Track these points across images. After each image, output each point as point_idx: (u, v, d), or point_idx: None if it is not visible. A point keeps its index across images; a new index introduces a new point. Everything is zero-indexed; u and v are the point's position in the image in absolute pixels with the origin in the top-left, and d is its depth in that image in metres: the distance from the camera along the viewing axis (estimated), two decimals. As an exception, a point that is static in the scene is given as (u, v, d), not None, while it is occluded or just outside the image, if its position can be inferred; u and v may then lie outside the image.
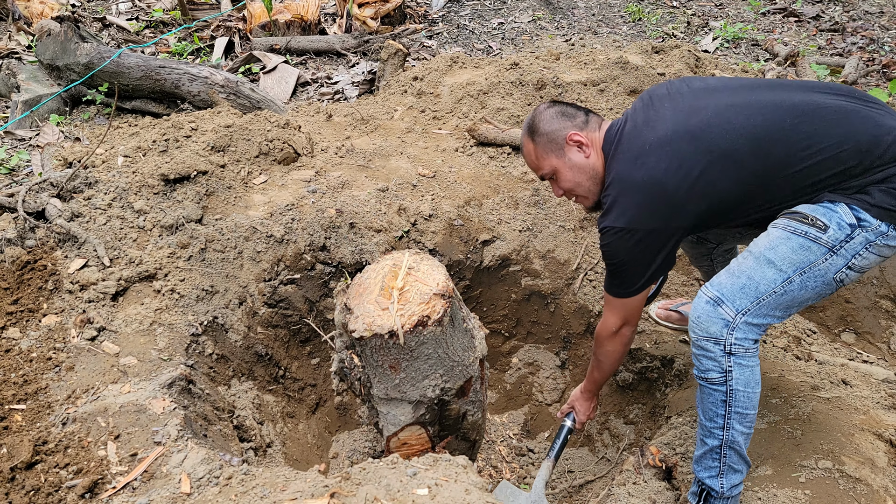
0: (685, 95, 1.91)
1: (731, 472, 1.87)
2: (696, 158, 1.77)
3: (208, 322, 2.61)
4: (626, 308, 2.00)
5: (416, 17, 6.53)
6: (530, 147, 2.05)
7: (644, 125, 1.89)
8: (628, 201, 1.83)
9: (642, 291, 1.96)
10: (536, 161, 2.06)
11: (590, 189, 2.02)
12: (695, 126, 1.80)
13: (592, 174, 2.00)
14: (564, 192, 2.07)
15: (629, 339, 2.09)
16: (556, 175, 2.04)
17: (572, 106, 2.07)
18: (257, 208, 2.97)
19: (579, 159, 1.99)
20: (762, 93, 1.85)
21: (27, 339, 2.34)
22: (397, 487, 1.61)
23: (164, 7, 6.27)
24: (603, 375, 2.25)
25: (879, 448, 2.10)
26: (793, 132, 1.74)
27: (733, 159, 1.76)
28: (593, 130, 2.02)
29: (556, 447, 2.38)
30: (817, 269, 1.73)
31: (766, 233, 1.81)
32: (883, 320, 2.95)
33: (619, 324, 2.04)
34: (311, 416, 2.87)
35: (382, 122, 3.89)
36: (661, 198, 1.79)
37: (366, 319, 1.79)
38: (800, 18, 6.52)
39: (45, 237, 2.64)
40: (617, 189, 1.86)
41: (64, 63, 4.43)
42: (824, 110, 1.76)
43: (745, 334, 1.75)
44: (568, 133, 1.99)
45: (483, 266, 3.06)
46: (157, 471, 1.90)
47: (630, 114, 1.99)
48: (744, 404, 1.80)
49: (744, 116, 1.78)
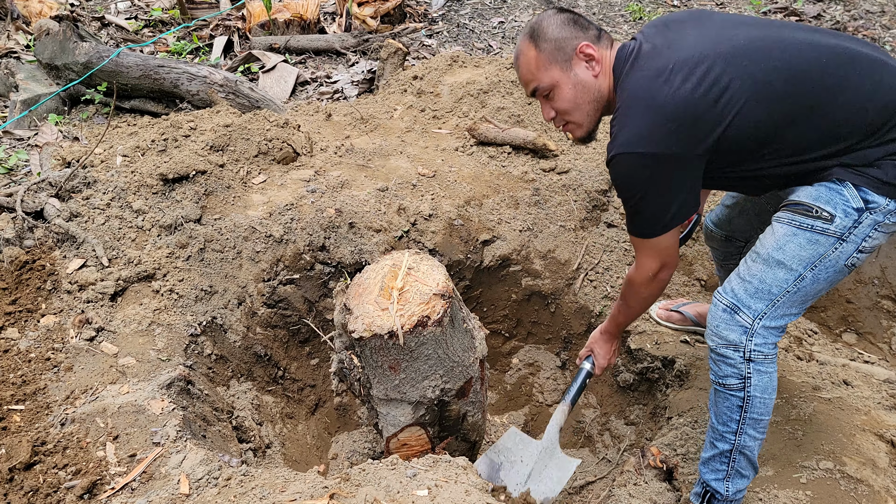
0: (711, 23, 1.74)
1: (738, 477, 1.86)
2: (729, 82, 1.60)
3: (207, 322, 2.60)
4: (659, 248, 1.79)
5: (416, 16, 6.52)
6: (532, 54, 1.79)
7: (665, 47, 1.69)
8: (647, 122, 1.62)
9: (672, 228, 1.75)
10: (535, 71, 1.80)
11: (588, 114, 1.81)
12: (726, 51, 1.63)
13: (596, 96, 1.79)
14: (557, 112, 1.84)
15: (666, 281, 1.89)
16: (553, 91, 1.80)
17: (583, 17, 1.83)
18: (256, 208, 2.96)
19: (586, 76, 1.77)
20: (794, 31, 1.71)
21: (26, 340, 2.33)
22: (397, 488, 1.61)
23: (163, 6, 6.26)
24: (628, 319, 2.11)
25: (881, 449, 2.10)
26: (827, 75, 1.62)
27: (767, 89, 1.61)
28: (605, 48, 1.80)
29: (573, 391, 2.22)
30: (828, 260, 1.67)
31: (772, 230, 1.75)
32: (884, 321, 2.94)
33: (655, 268, 1.83)
34: (310, 417, 2.86)
35: (382, 121, 3.88)
36: (686, 119, 1.60)
37: (365, 320, 1.78)
38: (801, 17, 6.51)
39: (44, 237, 2.63)
40: (631, 108, 1.65)
41: (62, 62, 4.42)
42: (857, 59, 1.64)
43: (765, 339, 1.72)
44: (580, 43, 1.76)
45: (483, 266, 3.06)
46: (156, 471, 1.90)
47: (645, 36, 1.77)
48: (759, 410, 1.77)
49: (779, 49, 1.63)
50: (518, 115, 3.70)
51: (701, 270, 3.04)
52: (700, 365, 2.59)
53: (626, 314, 2.09)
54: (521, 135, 3.48)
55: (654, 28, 1.79)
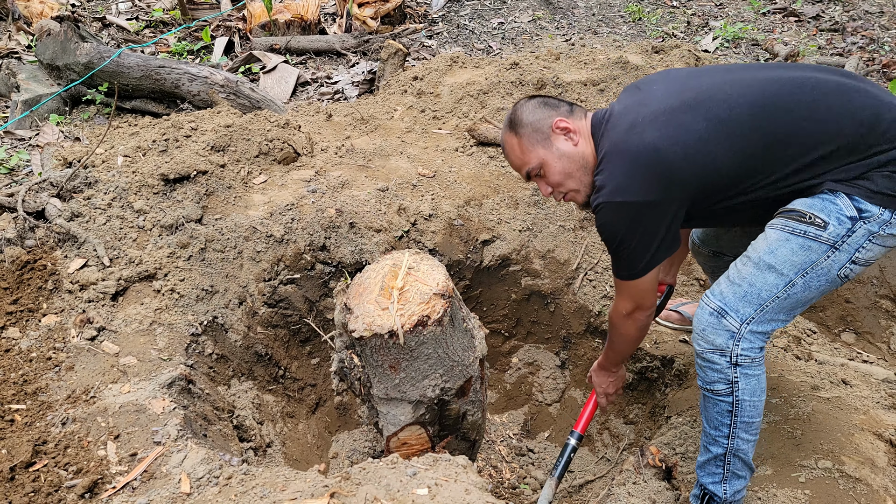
0: (677, 78, 1.84)
1: (734, 479, 1.86)
2: (695, 126, 1.69)
3: (208, 322, 2.61)
4: (634, 290, 1.88)
5: (416, 17, 6.53)
6: (514, 141, 1.91)
7: (635, 104, 1.80)
8: (623, 173, 1.72)
9: (650, 271, 1.83)
10: (521, 155, 1.91)
11: (581, 180, 1.89)
12: (690, 98, 1.73)
13: (583, 163, 1.87)
14: (553, 187, 1.93)
15: (644, 323, 1.96)
16: (543, 168, 1.90)
17: (553, 98, 1.97)
18: (257, 208, 2.97)
19: (567, 147, 1.87)
20: (759, 70, 1.79)
21: (27, 339, 2.34)
22: (397, 487, 1.61)
23: (164, 7, 6.27)
24: (617, 356, 2.15)
25: (879, 448, 2.10)
26: (793, 104, 1.68)
27: (733, 128, 1.68)
28: (579, 119, 1.91)
29: (560, 466, 2.28)
30: (820, 268, 1.68)
31: (764, 235, 1.75)
32: (883, 320, 2.95)
33: (629, 307, 1.92)
34: (310, 416, 2.87)
35: (382, 121, 3.89)
36: (658, 166, 1.69)
37: (366, 319, 1.79)
38: (800, 18, 6.51)
39: (45, 237, 2.64)
40: (610, 162, 1.75)
41: (64, 63, 4.43)
42: (824, 85, 1.70)
43: (751, 343, 1.71)
44: (553, 120, 1.87)
45: (483, 266, 3.06)
46: (157, 471, 1.90)
47: (617, 101, 1.90)
48: (749, 413, 1.77)
49: (742, 87, 1.71)
50: (518, 115, 3.70)
51: (700, 271, 3.05)
52: (699, 364, 2.60)
53: (614, 350, 2.15)
54: (521, 135, 3.48)
55: (627, 92, 1.91)
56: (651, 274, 1.85)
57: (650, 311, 1.96)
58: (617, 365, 2.22)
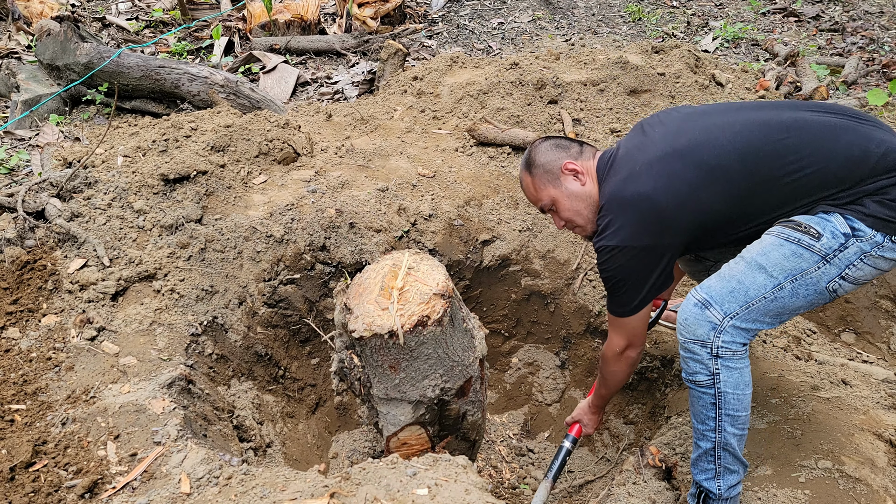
0: (675, 120, 1.96)
1: (727, 474, 1.87)
2: (686, 175, 1.80)
3: (208, 322, 2.61)
4: (628, 328, 2.00)
5: (416, 17, 6.53)
6: (528, 180, 2.10)
7: (635, 149, 1.94)
8: (620, 220, 1.86)
9: (642, 310, 1.96)
10: (535, 193, 2.09)
11: (588, 217, 2.04)
12: (682, 146, 1.85)
13: (589, 202, 2.02)
14: (565, 222, 2.10)
15: (634, 360, 2.09)
16: (555, 205, 2.07)
17: (566, 139, 2.13)
18: (257, 208, 2.97)
19: (575, 187, 2.03)
20: (750, 112, 1.89)
21: (27, 339, 2.34)
22: (397, 487, 1.61)
23: (164, 7, 6.27)
24: (609, 392, 2.26)
25: (879, 448, 2.10)
26: (780, 147, 1.76)
27: (722, 175, 1.79)
28: (587, 159, 2.06)
29: (555, 468, 2.34)
30: (809, 278, 1.73)
31: (760, 239, 1.81)
32: (883, 320, 2.95)
33: (623, 345, 2.04)
34: (310, 416, 2.87)
35: (382, 121, 3.89)
36: (652, 214, 1.82)
37: (365, 319, 1.79)
38: (800, 18, 6.51)
39: (45, 237, 2.64)
40: (609, 209, 1.90)
41: (63, 63, 4.43)
42: (812, 126, 1.79)
43: (733, 338, 1.75)
44: (563, 163, 2.03)
45: (483, 266, 3.06)
46: (157, 471, 1.90)
47: (623, 141, 2.04)
48: (734, 406, 1.79)
49: (731, 133, 1.82)
50: (518, 115, 3.71)
51: (700, 270, 3.05)
52: (699, 365, 2.60)
53: (606, 388, 2.24)
54: (521, 135, 3.49)
55: (633, 132, 2.05)
56: (643, 312, 1.97)
57: (640, 349, 2.08)
58: (606, 403, 2.35)
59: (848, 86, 4.85)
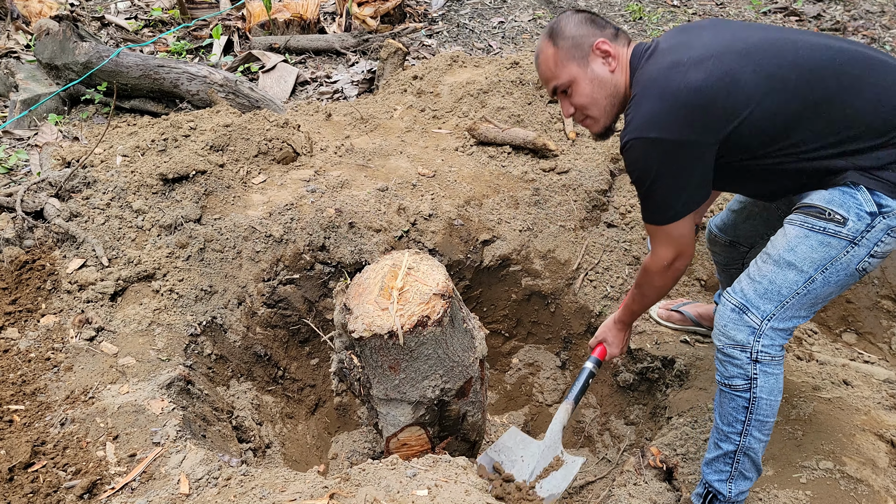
0: (727, 27, 1.81)
1: (741, 479, 1.86)
2: (741, 75, 1.65)
3: (207, 322, 2.60)
4: (674, 235, 1.80)
5: (416, 16, 6.52)
6: (550, 52, 1.86)
7: (681, 45, 1.76)
8: (659, 108, 1.67)
9: (686, 215, 1.77)
10: (554, 68, 1.86)
11: (605, 109, 1.87)
12: (740, 48, 1.69)
13: (613, 91, 1.84)
14: (576, 108, 1.89)
15: (682, 272, 1.90)
16: (572, 87, 1.86)
17: (600, 17, 1.90)
18: (256, 208, 2.96)
19: (603, 72, 1.83)
20: (810, 36, 1.78)
21: (25, 340, 2.33)
22: (397, 488, 1.61)
23: (163, 6, 6.26)
24: (642, 308, 2.11)
25: (881, 449, 2.10)
26: (841, 72, 1.66)
27: (779, 84, 1.66)
28: (622, 46, 1.86)
29: (576, 390, 2.21)
30: (839, 264, 1.68)
31: (783, 232, 1.75)
32: (884, 320, 2.94)
33: (671, 257, 1.84)
34: (310, 417, 2.87)
35: (382, 121, 3.88)
36: (699, 107, 1.65)
37: (365, 320, 1.78)
38: (801, 17, 6.51)
39: (44, 237, 2.63)
40: (645, 97, 1.70)
41: (62, 62, 4.42)
42: (872, 61, 1.69)
43: (773, 341, 1.72)
44: (596, 40, 1.82)
45: (483, 266, 3.06)
46: (156, 471, 1.90)
47: (663, 38, 1.85)
48: (765, 412, 1.77)
49: (792, 48, 1.69)
50: (518, 115, 3.70)
51: (701, 270, 3.04)
52: (700, 365, 2.59)
53: (641, 302, 2.09)
54: (521, 135, 3.48)
55: (673, 31, 1.86)
56: (688, 218, 1.79)
57: (690, 259, 1.88)
58: (635, 319, 2.20)
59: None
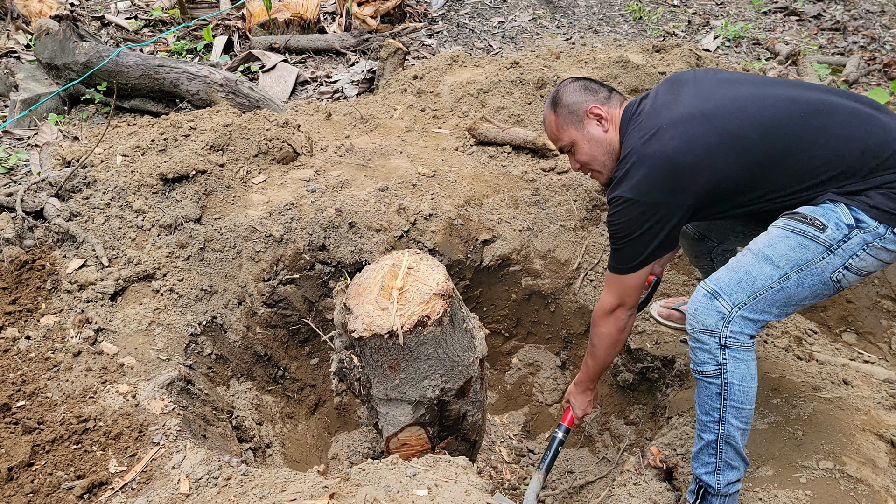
0: (708, 83, 1.97)
1: (727, 469, 1.87)
2: (706, 139, 1.82)
3: (207, 322, 2.60)
4: (622, 286, 2.00)
5: (416, 16, 6.52)
6: (552, 118, 2.11)
7: (662, 106, 1.94)
8: (638, 173, 1.86)
9: (641, 269, 1.96)
10: (556, 132, 2.10)
11: (605, 164, 2.06)
12: (710, 110, 1.86)
13: (609, 149, 2.04)
14: (581, 165, 2.12)
15: (624, 323, 2.07)
16: (574, 147, 2.08)
17: (596, 82, 2.13)
18: (256, 208, 2.96)
19: (597, 133, 2.04)
20: (781, 88, 1.91)
21: (25, 340, 2.33)
22: (397, 488, 1.61)
23: (163, 6, 6.26)
24: (596, 364, 2.21)
25: (881, 448, 2.10)
26: (802, 126, 1.79)
27: (741, 143, 1.80)
28: (614, 107, 2.07)
29: (547, 459, 2.33)
30: (814, 268, 1.76)
31: (766, 231, 1.85)
32: (884, 320, 2.94)
33: (614, 303, 2.04)
34: (310, 417, 2.87)
35: (382, 121, 3.88)
36: (669, 172, 1.82)
37: (365, 319, 1.78)
38: (801, 17, 6.50)
39: (44, 237, 2.63)
40: (629, 161, 1.90)
41: (62, 62, 4.42)
42: (837, 109, 1.82)
43: (741, 328, 1.78)
44: (589, 106, 2.04)
45: (483, 266, 3.06)
46: (156, 471, 1.90)
47: (652, 94, 2.03)
48: (739, 398, 1.81)
49: (758, 105, 1.84)
50: (518, 114, 3.70)
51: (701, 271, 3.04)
52: (700, 365, 2.59)
53: (593, 358, 2.20)
54: (521, 134, 3.48)
55: (664, 86, 2.04)
56: (641, 272, 1.97)
57: (631, 312, 2.07)
58: (595, 380, 2.30)
59: (849, 85, 4.84)
